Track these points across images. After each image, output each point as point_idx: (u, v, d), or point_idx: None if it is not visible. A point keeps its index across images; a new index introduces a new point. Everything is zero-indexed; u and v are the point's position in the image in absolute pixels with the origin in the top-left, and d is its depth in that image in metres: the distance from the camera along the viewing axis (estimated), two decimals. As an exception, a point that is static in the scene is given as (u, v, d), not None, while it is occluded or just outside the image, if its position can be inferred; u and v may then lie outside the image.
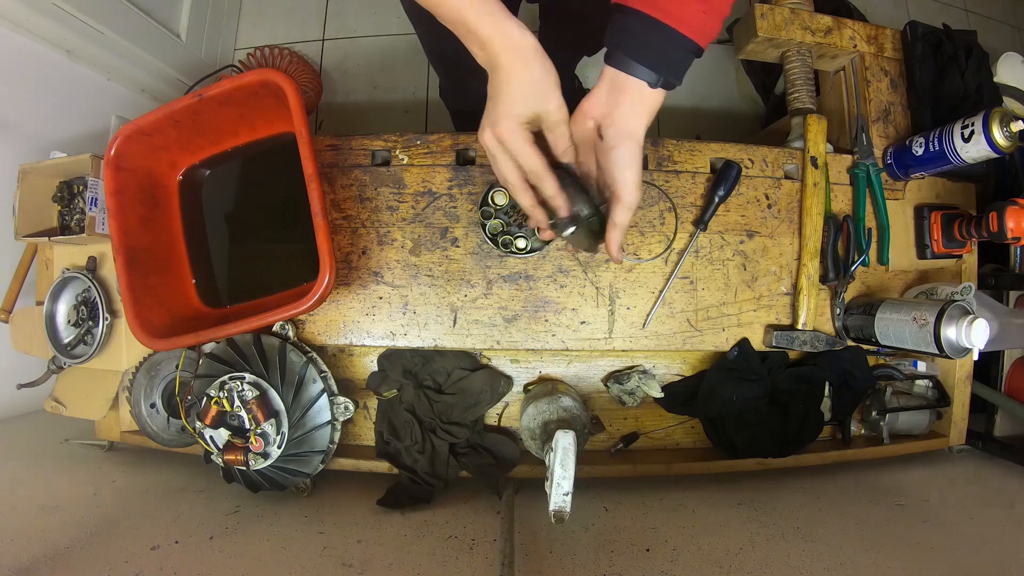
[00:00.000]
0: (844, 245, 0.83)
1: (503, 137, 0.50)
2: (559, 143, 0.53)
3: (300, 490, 0.83)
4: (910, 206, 0.87)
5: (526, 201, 0.54)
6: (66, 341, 0.87)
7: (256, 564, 0.65)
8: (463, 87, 0.65)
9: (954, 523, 0.75)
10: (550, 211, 0.56)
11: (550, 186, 0.52)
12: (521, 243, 0.78)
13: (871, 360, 0.92)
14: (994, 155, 0.72)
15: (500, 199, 0.77)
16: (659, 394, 0.86)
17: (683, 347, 0.81)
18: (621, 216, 0.55)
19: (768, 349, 0.83)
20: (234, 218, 0.85)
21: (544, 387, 0.84)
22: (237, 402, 0.75)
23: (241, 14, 1.68)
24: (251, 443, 0.75)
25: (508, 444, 0.85)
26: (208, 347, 0.83)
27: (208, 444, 0.76)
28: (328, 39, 1.69)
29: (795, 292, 0.82)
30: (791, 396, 0.85)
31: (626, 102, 0.51)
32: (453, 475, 0.84)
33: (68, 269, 0.88)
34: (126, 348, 0.87)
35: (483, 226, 0.78)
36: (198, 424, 0.76)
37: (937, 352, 0.70)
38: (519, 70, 0.47)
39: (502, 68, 0.47)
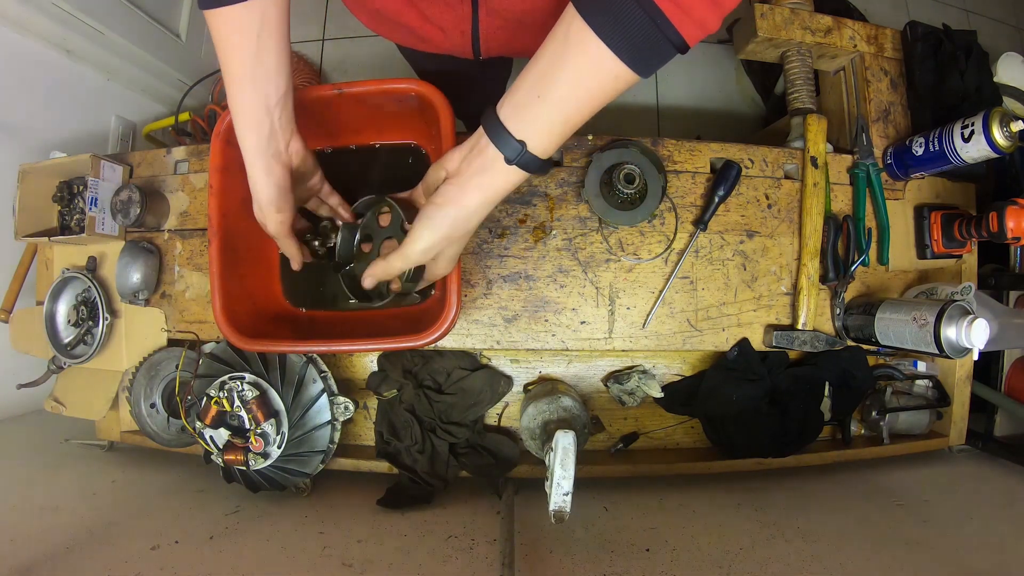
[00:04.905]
0: (844, 245, 0.83)
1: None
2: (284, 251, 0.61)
3: (300, 490, 0.83)
4: (910, 206, 0.87)
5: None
6: (66, 341, 0.87)
7: (256, 564, 0.65)
8: (455, 108, 0.65)
9: (954, 523, 0.75)
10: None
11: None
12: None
13: (871, 360, 0.92)
14: (994, 155, 0.72)
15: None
16: (659, 394, 0.86)
17: (683, 347, 0.81)
18: (385, 263, 0.55)
19: (768, 349, 0.83)
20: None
21: (544, 387, 0.84)
22: (237, 402, 0.75)
23: (241, 14, 1.68)
24: (251, 443, 0.75)
25: (508, 444, 0.85)
26: (208, 347, 0.83)
27: (208, 444, 0.76)
28: (328, 39, 1.70)
29: (795, 292, 0.82)
30: (791, 396, 0.85)
31: (476, 166, 0.48)
32: (453, 475, 0.84)
33: (68, 269, 0.88)
34: (126, 348, 0.87)
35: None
36: (198, 424, 0.76)
37: (937, 352, 0.70)
38: (251, 182, 0.54)
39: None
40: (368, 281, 0.57)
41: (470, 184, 0.48)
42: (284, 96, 0.51)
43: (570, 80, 0.43)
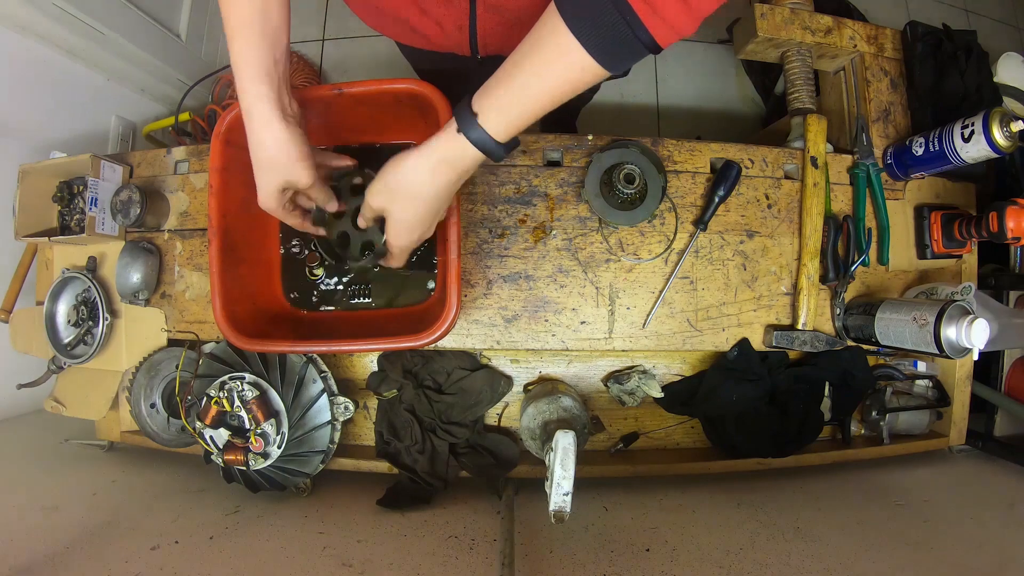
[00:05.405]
0: (844, 245, 0.83)
1: (265, 208, 0.58)
2: (318, 200, 0.61)
3: (300, 490, 0.83)
4: (910, 206, 0.87)
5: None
6: (66, 341, 0.87)
7: (256, 564, 0.65)
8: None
9: (954, 523, 0.75)
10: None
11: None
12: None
13: (871, 360, 0.92)
14: (994, 155, 0.72)
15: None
16: (659, 394, 0.86)
17: (683, 347, 0.81)
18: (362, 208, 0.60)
19: (768, 349, 0.83)
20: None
21: (544, 387, 0.84)
22: (237, 402, 0.75)
23: (241, 14, 1.68)
24: (251, 443, 0.75)
25: (508, 444, 0.85)
26: (208, 347, 0.83)
27: (208, 444, 0.76)
28: (328, 39, 1.69)
29: (795, 292, 0.82)
30: (791, 396, 0.85)
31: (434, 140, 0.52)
32: (453, 475, 0.84)
33: (68, 269, 0.88)
34: (126, 348, 0.87)
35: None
36: (198, 424, 0.76)
37: (937, 352, 0.70)
38: (255, 149, 0.54)
39: (250, 143, 0.54)
40: (361, 222, 0.61)
41: (419, 149, 0.52)
42: (286, 51, 0.54)
43: (536, 67, 0.45)
